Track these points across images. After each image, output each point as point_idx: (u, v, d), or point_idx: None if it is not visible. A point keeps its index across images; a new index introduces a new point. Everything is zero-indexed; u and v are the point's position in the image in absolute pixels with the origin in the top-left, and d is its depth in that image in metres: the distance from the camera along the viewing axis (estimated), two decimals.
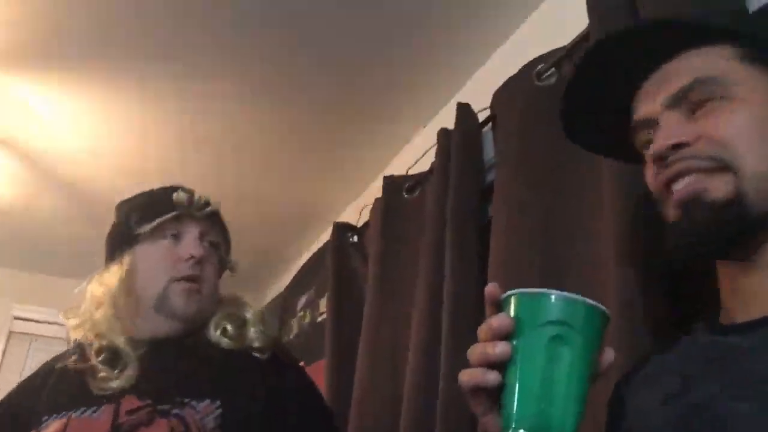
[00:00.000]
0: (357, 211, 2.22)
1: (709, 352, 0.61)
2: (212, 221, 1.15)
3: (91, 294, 1.10)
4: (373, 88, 1.92)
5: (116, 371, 1.02)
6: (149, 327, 1.07)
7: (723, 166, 0.59)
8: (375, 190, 2.03)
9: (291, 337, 2.69)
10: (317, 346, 2.20)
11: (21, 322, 3.43)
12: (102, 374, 1.02)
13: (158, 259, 1.08)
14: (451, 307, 1.30)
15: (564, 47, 1.29)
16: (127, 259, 1.09)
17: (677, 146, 0.61)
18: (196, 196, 1.12)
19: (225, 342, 1.07)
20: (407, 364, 1.43)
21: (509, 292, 0.57)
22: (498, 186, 1.33)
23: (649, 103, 0.66)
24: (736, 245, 0.61)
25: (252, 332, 1.09)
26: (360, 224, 2.15)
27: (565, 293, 0.54)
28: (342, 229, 2.15)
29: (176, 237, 1.10)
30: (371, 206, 1.98)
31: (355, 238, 2.14)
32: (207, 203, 1.14)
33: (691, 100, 0.63)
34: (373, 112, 2.01)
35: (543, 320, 0.54)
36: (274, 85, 1.94)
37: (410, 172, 1.84)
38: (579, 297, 0.54)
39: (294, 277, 2.86)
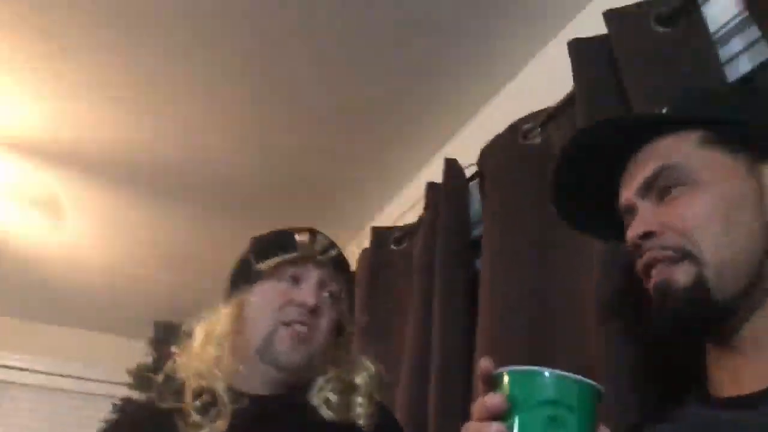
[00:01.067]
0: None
1: (703, 425, 0.62)
2: (336, 270, 1.05)
3: (202, 331, 1.02)
4: (363, 140, 1.95)
5: (209, 419, 0.94)
6: (252, 377, 0.99)
7: (685, 256, 0.63)
8: (362, 240, 2.04)
9: None
10: None
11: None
12: (193, 419, 0.94)
13: (270, 300, 1.00)
14: (439, 361, 1.30)
15: (549, 108, 1.33)
16: (241, 298, 1.02)
17: (646, 235, 0.65)
18: (319, 237, 1.05)
19: (325, 412, 0.96)
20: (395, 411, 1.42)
21: (501, 369, 0.56)
22: (485, 241, 1.35)
23: (628, 189, 0.70)
24: (709, 330, 0.65)
25: (359, 404, 0.98)
26: None
27: (558, 372, 0.53)
28: None
29: (296, 280, 1.01)
30: (358, 257, 1.99)
31: None
32: (331, 246, 1.05)
33: (659, 187, 0.67)
34: (361, 164, 2.05)
35: (538, 399, 0.52)
36: (263, 130, 1.96)
37: (398, 224, 1.87)
38: (573, 375, 0.53)
39: None
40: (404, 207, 1.98)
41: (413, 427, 1.34)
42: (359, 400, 0.98)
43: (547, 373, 0.53)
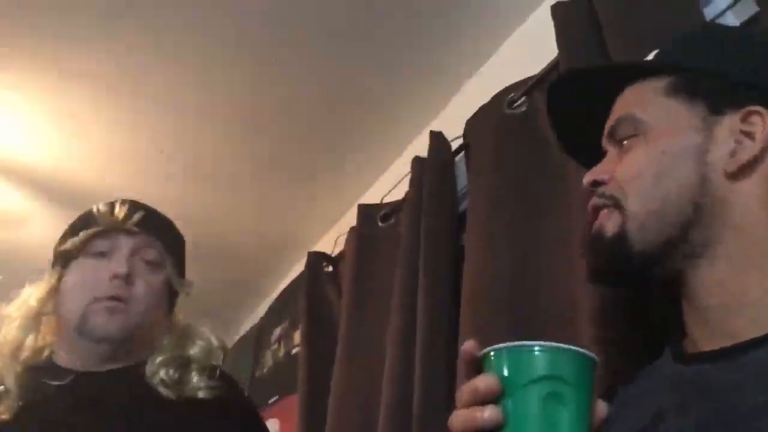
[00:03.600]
0: (332, 241, 2.20)
1: (678, 382, 0.60)
2: (150, 235, 1.02)
3: (8, 312, 1.01)
4: (348, 117, 1.92)
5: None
6: (76, 355, 0.98)
7: (617, 206, 0.64)
8: (350, 219, 2.02)
9: (265, 370, 2.63)
10: (292, 379, 2.15)
11: None
12: None
13: (82, 278, 0.99)
14: (424, 338, 1.28)
15: (534, 76, 1.30)
16: (54, 278, 1.00)
17: (595, 183, 0.67)
18: (119, 206, 1.00)
19: (162, 390, 0.93)
20: (380, 396, 1.40)
21: (488, 349, 0.52)
22: (470, 214, 1.33)
23: (605, 127, 0.71)
24: (635, 278, 0.67)
25: (194, 380, 0.95)
26: (335, 253, 2.12)
27: (551, 344, 0.49)
28: (316, 259, 2.12)
29: (104, 255, 0.99)
30: (347, 235, 1.96)
31: (330, 268, 2.11)
32: (136, 210, 1.00)
33: (618, 137, 0.68)
34: (348, 141, 2.01)
35: (532, 377, 0.49)
36: (247, 113, 1.93)
37: (385, 201, 1.84)
38: (566, 347, 0.50)
39: (268, 309, 2.81)
40: (392, 184, 1.95)
41: (399, 407, 1.32)
42: (194, 374, 0.96)
43: (538, 348, 0.49)
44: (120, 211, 1.00)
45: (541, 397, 0.48)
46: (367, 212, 1.82)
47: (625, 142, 0.67)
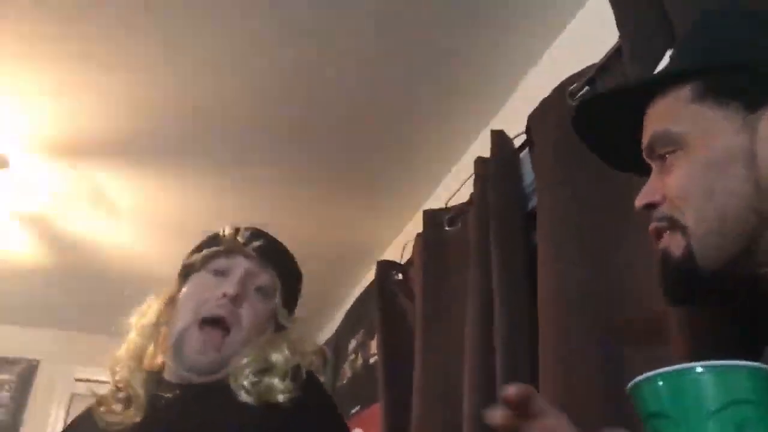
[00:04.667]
0: (400, 248, 2.20)
1: None
2: (265, 261, 1.03)
3: (132, 322, 1.04)
4: (406, 124, 1.91)
5: (126, 408, 0.94)
6: (173, 369, 0.98)
7: (677, 227, 0.63)
8: (416, 225, 2.01)
9: (344, 381, 2.65)
10: (372, 389, 2.16)
11: (83, 383, 3.49)
12: (106, 408, 0.95)
13: (195, 291, 1.01)
14: (504, 342, 1.24)
15: (595, 64, 1.25)
16: (173, 289, 1.04)
17: (647, 207, 0.66)
18: (246, 231, 1.04)
19: (244, 395, 0.92)
20: (463, 401, 1.38)
21: (641, 378, 0.43)
22: (541, 210, 1.29)
23: (644, 152, 0.69)
24: (709, 298, 0.65)
25: (274, 383, 0.93)
26: (404, 261, 2.12)
27: (718, 363, 0.42)
28: (386, 268, 2.12)
29: (222, 274, 1.01)
30: (414, 242, 1.95)
31: (400, 276, 2.11)
32: (256, 237, 1.04)
33: (657, 153, 0.66)
34: (408, 147, 2.00)
35: (715, 405, 0.40)
36: (306, 126, 1.95)
37: (450, 204, 1.82)
38: (737, 363, 0.42)
39: (343, 320, 2.83)
40: (455, 187, 1.93)
41: (482, 409, 1.29)
42: (275, 378, 0.93)
43: (706, 370, 0.41)
44: (242, 235, 1.03)
45: (733, 424, 0.40)
46: (432, 217, 1.81)
47: (666, 156, 0.64)
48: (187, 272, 1.05)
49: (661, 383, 0.42)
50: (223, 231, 1.05)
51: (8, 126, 1.99)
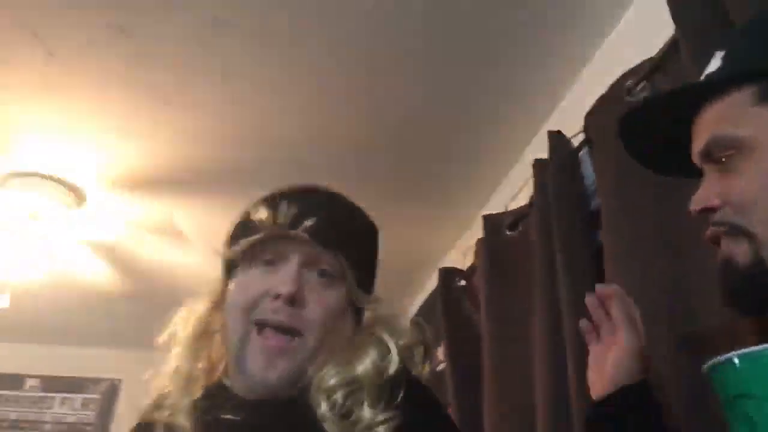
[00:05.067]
0: (461, 254, 2.20)
1: None
2: (329, 244, 0.78)
3: (171, 335, 0.83)
4: (461, 128, 1.91)
5: None
6: (240, 383, 0.77)
7: (742, 233, 0.60)
8: (476, 231, 2.01)
9: None
10: (441, 397, 2.16)
11: None
12: None
13: (241, 293, 0.79)
14: (575, 346, 1.23)
15: (651, 59, 1.23)
16: (215, 290, 0.83)
17: (705, 210, 0.64)
18: (284, 207, 0.78)
19: (330, 426, 0.70)
20: (536, 410, 1.37)
21: (719, 360, 0.44)
22: (607, 213, 1.27)
23: (694, 152, 0.67)
24: None
25: (367, 416, 0.70)
26: (465, 267, 2.12)
27: None
28: (448, 274, 2.13)
29: (272, 263, 0.79)
30: (474, 248, 1.95)
31: (463, 282, 2.11)
32: (306, 213, 0.78)
33: (715, 157, 0.64)
34: (464, 153, 2.01)
35: None
36: (362, 135, 1.97)
37: (509, 208, 1.81)
38: None
39: None
40: (513, 190, 1.92)
41: (555, 414, 1.29)
42: (365, 406, 0.71)
43: None
44: (284, 214, 0.78)
45: None
46: (492, 222, 1.81)
47: (724, 159, 0.63)
48: (229, 266, 0.83)
49: (742, 364, 0.43)
50: (257, 211, 0.80)
51: (84, 162, 2.12)
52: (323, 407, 0.72)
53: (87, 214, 2.38)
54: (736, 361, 0.43)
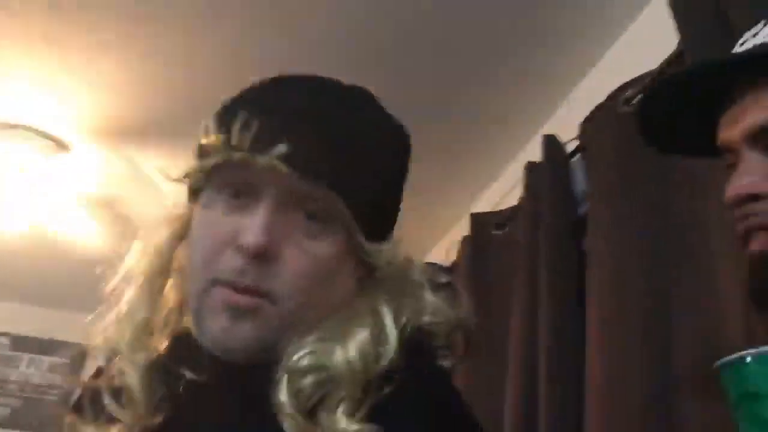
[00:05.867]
0: (444, 251, 2.20)
1: None
2: (316, 172, 0.55)
3: (124, 267, 0.64)
4: (457, 125, 1.92)
5: (120, 407, 0.58)
6: (197, 347, 0.59)
7: None
8: (461, 228, 2.01)
9: None
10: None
11: None
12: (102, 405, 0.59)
13: (200, 237, 0.59)
14: (549, 350, 1.25)
15: (651, 71, 1.24)
16: (179, 217, 0.64)
17: (751, 198, 0.58)
18: (244, 125, 0.54)
19: (288, 424, 0.51)
20: (504, 408, 1.38)
21: (730, 359, 0.43)
22: (593, 218, 1.28)
23: (729, 128, 0.62)
24: None
25: (337, 425, 0.50)
26: (449, 263, 2.12)
27: None
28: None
29: (240, 197, 0.57)
30: (459, 245, 1.96)
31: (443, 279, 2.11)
32: (272, 135, 0.53)
33: (765, 144, 0.59)
34: (456, 150, 2.01)
35: None
36: None
37: (497, 208, 1.82)
38: None
39: None
40: (502, 191, 1.93)
41: (525, 421, 1.29)
42: (340, 407, 0.51)
43: None
44: (243, 137, 0.54)
45: None
46: (480, 221, 1.81)
47: None
48: (192, 189, 0.63)
49: (754, 363, 0.42)
50: (216, 122, 0.57)
51: (68, 114, 2.08)
52: (283, 393, 0.52)
53: (70, 166, 2.34)
54: (748, 360, 0.43)
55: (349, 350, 0.53)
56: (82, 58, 1.82)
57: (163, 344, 0.63)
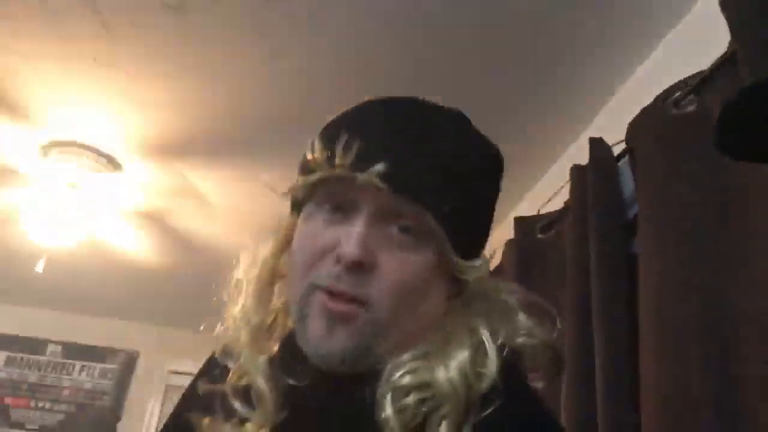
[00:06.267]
0: (487, 255, 2.20)
1: None
2: (410, 190, 0.58)
3: (236, 278, 0.69)
4: (499, 127, 1.91)
5: (250, 408, 0.62)
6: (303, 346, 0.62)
7: None
8: (504, 231, 2.01)
9: None
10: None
11: (176, 375, 3.70)
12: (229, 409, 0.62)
13: (302, 245, 0.63)
14: (603, 355, 1.24)
15: (702, 71, 1.23)
16: (284, 228, 0.68)
17: None
18: (345, 145, 0.59)
19: (388, 417, 0.54)
20: (560, 414, 1.37)
21: None
22: (643, 220, 1.27)
23: None
24: None
25: (440, 425, 0.53)
26: (492, 268, 2.12)
27: None
28: None
29: (341, 210, 0.61)
30: (502, 249, 1.95)
31: None
32: (373, 156, 0.58)
33: None
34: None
35: None
36: None
37: (541, 212, 1.81)
38: None
39: None
40: (546, 195, 1.92)
41: (580, 418, 1.29)
42: (445, 416, 0.54)
43: None
44: (344, 156, 0.59)
45: None
46: (524, 224, 1.81)
47: None
48: (296, 202, 0.67)
49: None
50: (311, 147, 0.62)
51: (121, 133, 2.17)
52: (388, 409, 0.54)
53: (122, 183, 2.43)
54: None
55: (451, 370, 0.56)
56: (131, 79, 1.88)
57: (275, 346, 0.67)
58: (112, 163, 2.31)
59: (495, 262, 2.07)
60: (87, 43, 1.74)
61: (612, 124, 1.55)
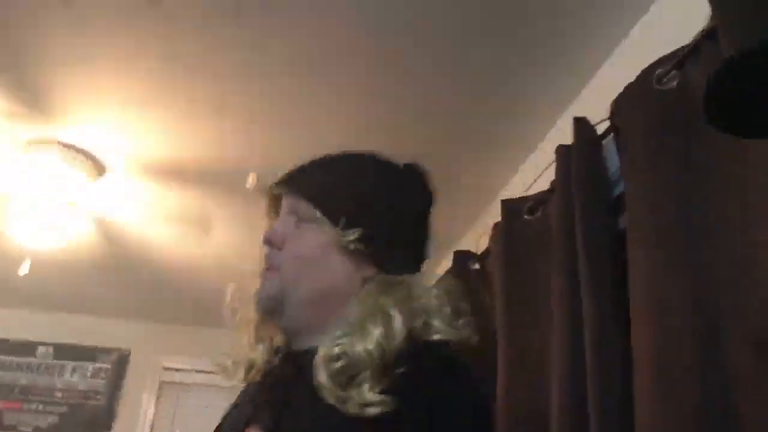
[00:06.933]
0: (475, 238, 2.20)
1: None
2: (294, 192, 0.91)
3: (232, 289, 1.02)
4: (480, 108, 1.91)
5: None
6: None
7: None
8: (491, 214, 2.01)
9: None
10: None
11: (169, 372, 3.68)
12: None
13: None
14: (593, 333, 1.24)
15: (685, 47, 1.23)
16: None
17: None
18: (287, 172, 0.93)
19: (327, 395, 0.72)
20: (550, 398, 1.38)
21: None
22: (630, 197, 1.27)
23: None
24: None
25: (364, 391, 0.71)
26: (480, 250, 2.12)
27: None
28: (462, 257, 2.13)
29: (277, 213, 0.97)
30: (490, 231, 1.95)
31: (477, 266, 2.11)
32: (287, 174, 0.93)
33: None
34: (483, 136, 2.01)
35: None
36: (381, 115, 1.97)
37: (528, 193, 1.81)
38: None
39: None
40: (532, 176, 1.92)
41: (573, 403, 1.30)
42: (366, 381, 0.71)
43: None
44: (280, 178, 0.94)
45: None
46: (511, 207, 1.81)
47: None
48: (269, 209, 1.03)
49: None
50: (251, 181, 1.03)
51: (112, 140, 2.17)
52: (322, 375, 0.73)
53: (105, 189, 2.40)
54: None
55: (368, 343, 0.74)
56: (135, 102, 1.93)
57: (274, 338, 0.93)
58: (101, 169, 2.30)
59: (483, 246, 2.08)
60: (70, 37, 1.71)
61: (592, 104, 1.54)
